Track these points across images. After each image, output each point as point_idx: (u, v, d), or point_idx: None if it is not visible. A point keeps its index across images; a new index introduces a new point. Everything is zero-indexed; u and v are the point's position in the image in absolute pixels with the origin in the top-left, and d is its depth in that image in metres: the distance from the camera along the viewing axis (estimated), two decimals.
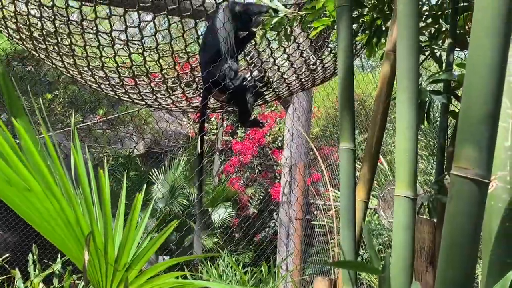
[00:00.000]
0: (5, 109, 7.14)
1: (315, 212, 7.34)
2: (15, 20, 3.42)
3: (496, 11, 0.79)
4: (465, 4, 2.01)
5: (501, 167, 0.98)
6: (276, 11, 2.28)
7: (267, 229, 8.77)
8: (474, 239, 0.84)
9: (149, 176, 8.20)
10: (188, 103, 4.18)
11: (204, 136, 8.84)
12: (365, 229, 1.42)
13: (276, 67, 3.88)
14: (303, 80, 4.18)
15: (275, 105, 8.88)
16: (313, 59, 4.00)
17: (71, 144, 1.43)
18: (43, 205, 1.24)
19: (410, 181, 1.04)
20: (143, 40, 3.50)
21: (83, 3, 3.32)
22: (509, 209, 0.97)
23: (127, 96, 3.99)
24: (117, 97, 4.16)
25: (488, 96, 0.79)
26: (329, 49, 3.97)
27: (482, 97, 0.79)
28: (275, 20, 2.25)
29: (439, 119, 2.05)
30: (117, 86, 3.83)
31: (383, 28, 2.04)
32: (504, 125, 0.98)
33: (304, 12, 2.22)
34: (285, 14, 2.25)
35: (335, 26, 1.57)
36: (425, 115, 1.81)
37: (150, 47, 4.00)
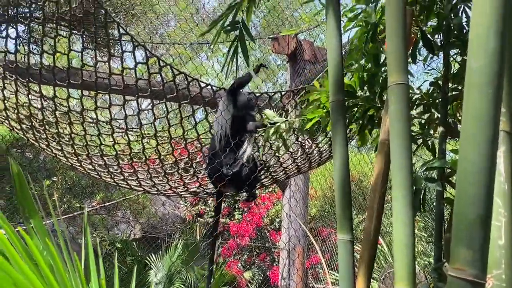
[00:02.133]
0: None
1: None
2: (17, 112, 3.49)
3: (483, 132, 0.84)
4: (455, 93, 2.09)
5: (496, 266, 0.99)
6: (272, 122, 2.36)
7: None
8: None
9: (146, 261, 8.06)
10: (185, 188, 4.20)
11: (201, 219, 8.75)
12: None
13: (272, 152, 3.93)
14: (299, 164, 4.22)
15: (272, 186, 8.89)
16: (309, 143, 4.06)
17: (83, 240, 1.44)
18: None
19: (409, 277, 1.05)
20: (142, 128, 3.56)
21: (83, 93, 3.41)
22: None
23: (125, 183, 4.01)
24: (115, 184, 4.18)
25: (479, 199, 0.82)
26: (324, 133, 4.03)
27: (474, 201, 0.83)
28: (272, 131, 2.32)
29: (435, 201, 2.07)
30: (116, 174, 3.85)
31: (375, 120, 2.10)
32: (497, 224, 1.01)
33: (301, 117, 2.29)
34: (282, 122, 2.33)
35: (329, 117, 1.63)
36: (421, 202, 1.83)
37: (149, 133, 4.06)
